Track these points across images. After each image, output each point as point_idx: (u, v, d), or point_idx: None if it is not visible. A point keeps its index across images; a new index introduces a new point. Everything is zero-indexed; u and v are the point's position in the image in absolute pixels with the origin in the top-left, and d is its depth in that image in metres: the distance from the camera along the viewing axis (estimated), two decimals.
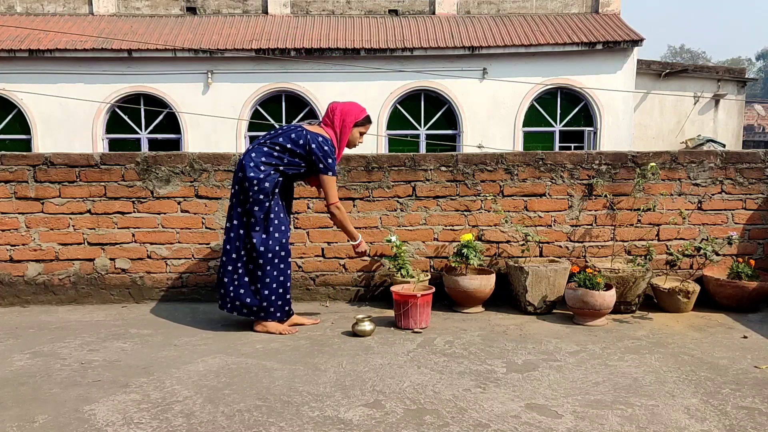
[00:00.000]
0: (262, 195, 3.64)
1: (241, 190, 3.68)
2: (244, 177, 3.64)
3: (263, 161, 3.66)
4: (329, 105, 3.90)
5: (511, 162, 4.52)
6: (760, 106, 32.00)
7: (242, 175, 3.66)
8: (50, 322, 4.07)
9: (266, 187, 3.64)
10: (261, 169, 3.64)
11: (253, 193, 3.63)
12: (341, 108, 3.82)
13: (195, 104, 14.17)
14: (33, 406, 2.71)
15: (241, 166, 3.68)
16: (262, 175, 3.64)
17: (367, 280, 4.57)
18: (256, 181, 3.62)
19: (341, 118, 3.79)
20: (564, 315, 4.18)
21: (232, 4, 15.45)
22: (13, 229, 4.47)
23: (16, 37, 13.94)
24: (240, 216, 3.71)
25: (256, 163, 3.65)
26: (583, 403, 2.75)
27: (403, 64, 14.27)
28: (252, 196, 3.63)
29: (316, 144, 3.67)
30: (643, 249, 4.48)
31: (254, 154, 3.68)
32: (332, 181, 3.72)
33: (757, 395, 2.84)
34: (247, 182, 3.63)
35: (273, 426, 2.52)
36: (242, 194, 3.67)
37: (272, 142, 3.70)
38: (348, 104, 3.87)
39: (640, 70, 15.27)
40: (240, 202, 3.69)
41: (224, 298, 3.78)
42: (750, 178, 4.55)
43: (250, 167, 3.64)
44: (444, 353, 3.41)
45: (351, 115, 3.81)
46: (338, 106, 3.84)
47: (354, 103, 3.90)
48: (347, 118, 3.80)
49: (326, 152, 3.68)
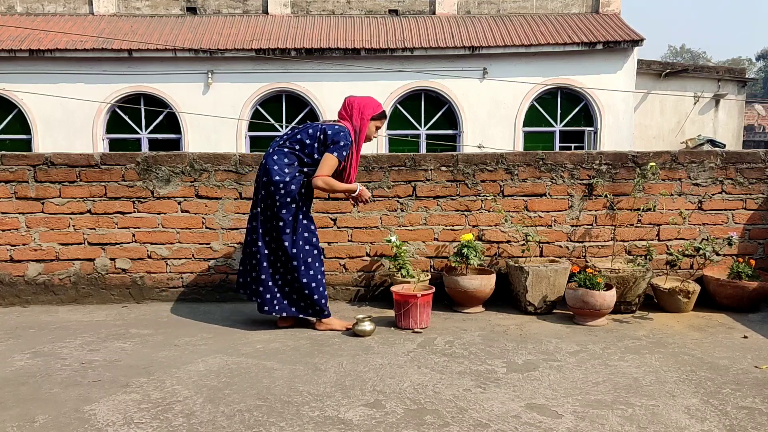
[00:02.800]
0: (289, 198, 3.62)
1: (267, 194, 3.64)
2: (270, 181, 3.61)
3: (286, 163, 3.63)
4: (346, 99, 3.88)
5: (511, 162, 4.52)
6: (760, 106, 31.99)
7: (267, 179, 3.62)
8: (50, 322, 4.07)
9: (293, 190, 3.62)
10: (286, 172, 3.61)
11: (280, 197, 3.60)
12: (359, 101, 3.82)
13: (195, 104, 14.17)
14: (33, 406, 2.71)
15: (265, 170, 3.64)
16: (288, 177, 3.61)
17: (367, 280, 4.57)
18: (282, 184, 3.60)
19: (359, 111, 3.79)
20: (564, 315, 4.18)
21: (232, 4, 15.45)
22: (13, 229, 4.47)
23: (16, 37, 13.94)
24: (268, 220, 3.67)
25: (280, 165, 3.62)
26: (583, 403, 2.75)
27: (403, 64, 14.27)
28: (279, 200, 3.60)
29: (332, 130, 3.67)
30: (643, 249, 4.48)
31: (276, 157, 3.65)
32: (331, 159, 3.63)
33: (758, 395, 2.84)
34: (273, 186, 3.60)
35: (273, 426, 2.52)
36: (269, 198, 3.63)
37: (291, 141, 3.69)
38: (365, 98, 3.88)
39: (641, 70, 15.27)
40: (267, 206, 3.66)
41: (269, 303, 3.73)
42: (750, 178, 4.55)
43: (274, 170, 3.61)
44: (444, 353, 3.41)
45: (369, 108, 3.82)
46: (355, 99, 3.84)
47: (371, 98, 3.92)
48: (365, 111, 3.80)
49: (339, 136, 3.65)
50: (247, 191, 4.48)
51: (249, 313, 4.21)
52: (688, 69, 16.81)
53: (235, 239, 4.51)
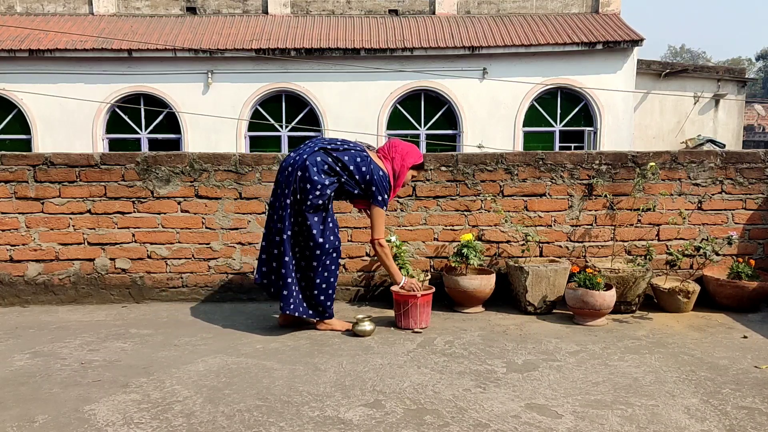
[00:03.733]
0: (321, 201, 3.60)
1: (299, 190, 3.58)
2: (307, 178, 3.55)
3: (326, 170, 3.61)
4: (390, 141, 3.90)
5: (511, 162, 4.52)
6: (760, 106, 31.99)
7: (303, 174, 3.56)
8: (50, 322, 4.07)
9: (327, 194, 3.61)
10: (323, 176, 3.59)
11: (314, 197, 3.57)
12: (403, 148, 3.85)
13: (195, 104, 14.17)
14: (33, 406, 2.71)
15: (304, 167, 3.57)
16: (327, 181, 3.60)
17: (367, 280, 4.57)
18: (320, 186, 3.57)
19: (401, 158, 3.81)
20: (564, 315, 4.18)
21: (232, 4, 15.45)
22: (13, 229, 4.47)
23: (16, 37, 13.94)
24: (294, 218, 3.63)
25: (320, 169, 3.59)
26: (583, 403, 2.75)
27: (403, 64, 14.27)
28: (311, 200, 3.57)
29: (378, 177, 3.69)
30: (643, 249, 4.48)
31: (319, 159, 3.61)
32: (382, 215, 3.73)
33: (757, 395, 2.84)
34: (310, 184, 3.55)
35: (273, 426, 2.52)
36: (300, 194, 3.58)
37: (337, 157, 3.65)
38: (409, 146, 3.90)
39: (640, 70, 15.27)
40: (295, 201, 3.60)
41: (288, 302, 3.68)
42: (750, 178, 4.55)
43: (314, 171, 3.56)
44: (444, 353, 3.41)
45: (411, 158, 3.85)
46: (400, 145, 3.86)
47: (414, 146, 3.95)
48: (407, 159, 3.83)
49: (384, 187, 3.71)
50: (248, 191, 4.48)
51: (249, 313, 4.21)
52: (688, 69, 16.81)
53: (235, 239, 4.51)
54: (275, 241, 3.71)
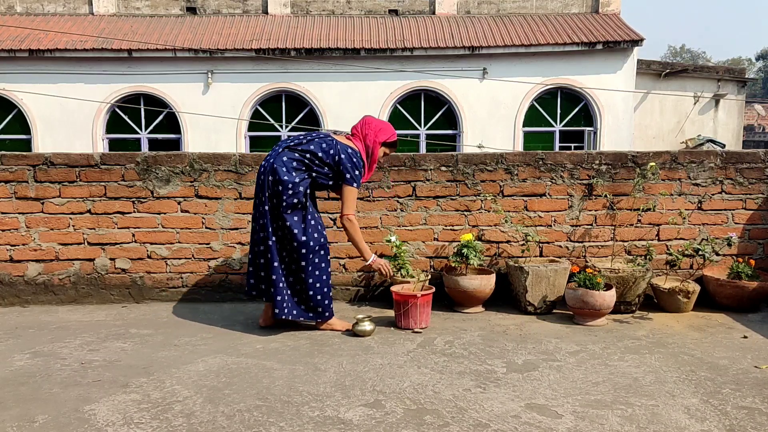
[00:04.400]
0: (296, 199, 3.60)
1: (273, 193, 3.60)
2: (278, 180, 3.57)
3: (295, 167, 3.62)
4: (363, 118, 3.88)
5: (511, 162, 4.52)
6: (760, 106, 31.99)
7: (274, 178, 3.58)
8: (50, 322, 4.07)
9: (300, 191, 3.60)
10: (293, 174, 3.60)
11: (287, 197, 3.57)
12: (376, 124, 3.82)
13: (195, 104, 14.17)
14: (33, 406, 2.71)
15: (273, 170, 3.59)
16: (297, 179, 3.60)
17: (367, 280, 4.57)
18: (291, 184, 3.57)
19: (374, 133, 3.78)
20: (564, 315, 4.18)
21: (232, 4, 15.45)
22: (13, 229, 4.47)
23: (16, 37, 13.94)
24: (275, 219, 3.64)
25: (288, 167, 3.60)
26: (583, 403, 2.75)
27: (403, 64, 14.27)
28: (285, 200, 3.58)
29: (346, 155, 3.67)
30: (643, 249, 4.48)
31: (285, 158, 3.62)
32: (353, 193, 3.70)
33: (757, 395, 2.84)
34: (281, 185, 3.56)
35: (273, 426, 2.52)
36: (275, 197, 3.60)
37: (303, 149, 3.65)
38: (382, 122, 3.88)
39: (640, 70, 15.27)
40: (273, 205, 3.62)
41: (281, 306, 3.68)
42: (750, 178, 4.55)
43: (283, 171, 3.58)
44: (444, 353, 3.41)
45: (384, 134, 3.82)
46: (373, 122, 3.83)
47: (388, 124, 3.92)
48: (380, 135, 3.80)
49: (354, 163, 3.67)
50: (247, 191, 4.48)
51: (249, 313, 4.21)
52: (688, 69, 16.82)
53: (235, 239, 4.51)
54: (260, 251, 3.72)
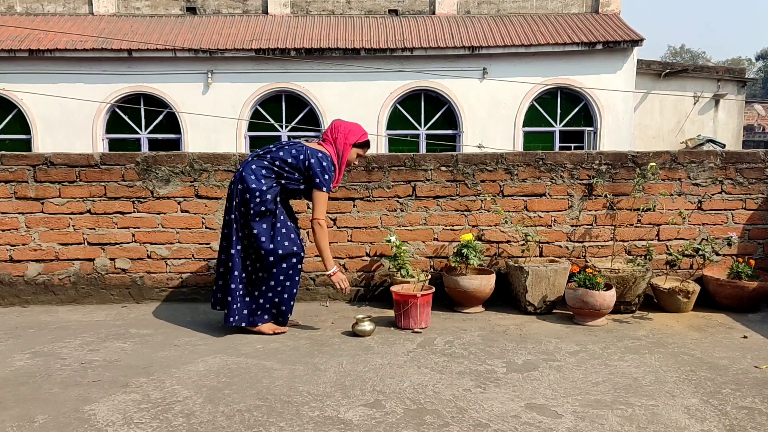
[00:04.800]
0: (263, 207, 3.60)
1: (242, 201, 3.62)
2: (246, 188, 3.59)
3: (264, 174, 3.63)
4: (333, 122, 3.90)
5: (511, 162, 4.52)
6: (760, 106, 32.00)
7: (243, 186, 3.60)
8: (50, 322, 4.07)
9: (268, 199, 3.61)
10: (262, 181, 3.61)
11: (255, 205, 3.58)
12: (345, 126, 3.84)
13: (195, 104, 14.17)
14: (33, 406, 2.71)
15: (241, 178, 3.62)
16: (265, 186, 3.61)
17: (367, 280, 4.57)
18: (258, 192, 3.58)
19: (344, 136, 3.79)
20: (564, 315, 4.18)
21: (232, 4, 15.45)
22: (13, 229, 4.47)
23: (16, 37, 13.94)
24: (242, 228, 3.65)
25: (257, 175, 3.62)
26: (583, 403, 2.75)
27: (403, 64, 14.27)
28: (253, 208, 3.58)
29: (315, 159, 3.67)
30: (643, 249, 4.48)
31: (254, 167, 3.64)
32: (323, 197, 3.69)
33: (757, 395, 2.84)
34: (249, 193, 3.58)
35: (273, 426, 2.52)
36: (242, 206, 3.62)
37: (272, 157, 3.67)
38: (352, 124, 3.89)
39: (640, 70, 15.27)
40: (241, 214, 3.63)
41: (233, 314, 3.69)
42: (750, 178, 4.55)
43: (251, 179, 3.60)
44: (444, 353, 3.41)
45: (353, 135, 3.82)
46: (342, 125, 3.85)
47: (358, 125, 3.93)
48: (349, 137, 3.80)
49: (324, 168, 3.67)
50: None
51: None
52: (688, 69, 16.82)
53: None
54: (222, 260, 3.74)
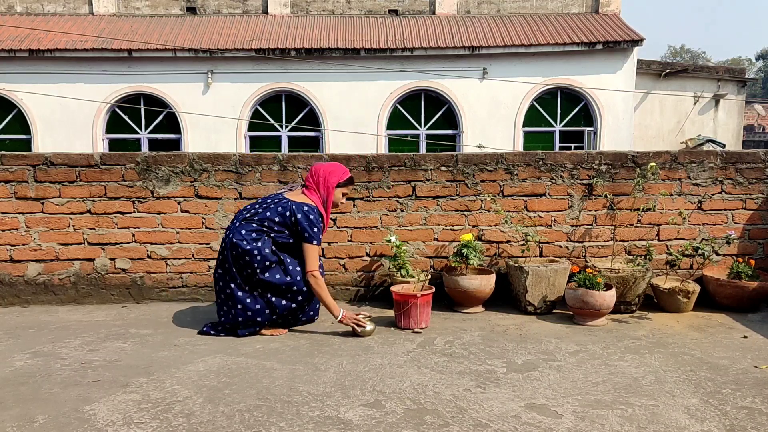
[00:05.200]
0: (268, 261, 3.62)
1: (243, 266, 3.62)
2: (243, 252, 3.59)
3: (254, 237, 3.63)
4: (312, 167, 3.83)
5: (511, 162, 4.52)
6: (760, 106, 31.99)
7: (238, 252, 3.60)
8: (50, 322, 4.07)
9: (267, 254, 3.62)
10: (256, 243, 3.61)
11: (259, 263, 3.60)
12: (324, 170, 3.78)
13: (195, 104, 14.17)
14: (33, 406, 2.71)
15: (234, 245, 3.61)
16: (260, 243, 3.62)
17: (367, 280, 4.57)
18: (257, 251, 3.60)
19: (325, 180, 3.75)
20: (564, 315, 4.18)
21: (232, 4, 15.45)
22: (13, 229, 4.47)
23: (16, 37, 13.94)
24: (254, 287, 3.66)
25: (248, 239, 3.62)
26: (583, 403, 2.75)
27: (403, 64, 14.27)
28: (258, 267, 3.60)
29: (302, 214, 3.64)
30: (643, 249, 4.48)
31: (244, 231, 3.64)
32: (314, 250, 3.67)
33: (757, 395, 2.84)
34: (248, 256, 3.59)
35: (273, 426, 2.52)
36: (247, 269, 3.62)
37: (260, 219, 3.66)
38: (330, 165, 3.84)
39: (640, 70, 15.27)
40: (247, 276, 3.63)
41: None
42: (750, 178, 4.55)
43: (244, 243, 3.60)
44: (444, 353, 3.41)
45: (334, 176, 3.77)
46: (321, 168, 3.79)
47: (336, 164, 3.88)
48: (330, 179, 3.76)
49: (311, 221, 3.64)
50: (247, 191, 4.49)
51: None
52: (688, 69, 16.82)
53: None
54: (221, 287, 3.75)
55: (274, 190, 4.47)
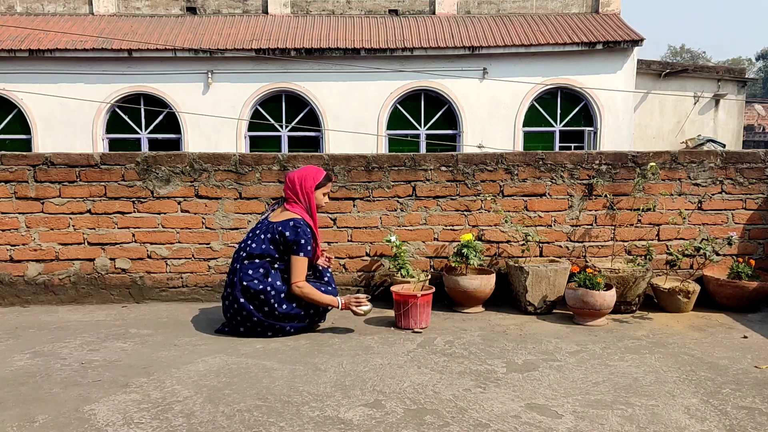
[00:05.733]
0: (283, 294, 3.63)
1: (261, 303, 3.61)
2: (255, 292, 3.58)
3: (261, 273, 3.63)
4: (286, 177, 3.78)
5: (511, 162, 4.52)
6: (760, 106, 31.99)
7: (251, 293, 3.59)
8: (50, 322, 4.07)
9: (279, 286, 3.63)
10: (267, 279, 3.63)
11: (275, 299, 3.61)
12: (298, 176, 3.73)
13: (195, 104, 14.17)
14: (33, 406, 2.71)
15: (244, 288, 3.60)
16: (270, 279, 3.63)
17: (367, 280, 4.57)
18: (270, 287, 3.61)
19: (300, 185, 3.70)
20: (564, 315, 4.19)
21: (232, 4, 15.45)
22: (13, 229, 4.47)
23: (16, 37, 13.94)
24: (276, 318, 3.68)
25: (257, 276, 3.61)
26: (583, 403, 2.75)
27: (403, 64, 14.27)
28: (276, 303, 3.61)
29: (288, 230, 3.62)
30: (643, 249, 4.48)
31: (251, 271, 3.63)
32: (301, 262, 3.63)
33: (757, 395, 2.84)
34: (263, 295, 3.59)
35: (273, 426, 2.52)
36: (265, 307, 3.61)
37: (250, 255, 3.64)
38: (302, 170, 3.77)
39: (640, 70, 15.27)
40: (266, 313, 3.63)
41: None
42: (750, 178, 4.55)
43: (254, 283, 3.59)
44: (444, 353, 3.41)
45: (309, 179, 3.72)
46: (295, 175, 3.74)
47: (308, 167, 3.82)
48: (306, 183, 3.70)
49: (298, 233, 3.61)
50: (247, 191, 4.49)
51: None
52: (688, 69, 16.82)
53: (235, 239, 4.50)
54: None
55: (274, 190, 4.47)
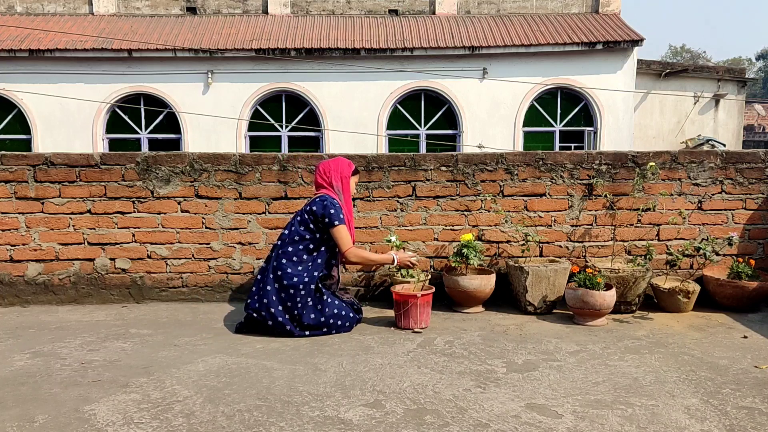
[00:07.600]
0: (310, 298, 3.68)
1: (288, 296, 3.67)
2: (288, 284, 3.64)
3: (296, 261, 3.69)
4: (319, 167, 3.88)
5: (511, 162, 4.52)
6: (760, 106, 31.98)
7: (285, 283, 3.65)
8: (50, 322, 4.07)
9: (312, 290, 3.67)
10: (300, 269, 3.68)
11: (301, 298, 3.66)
12: (334, 165, 3.86)
13: (195, 104, 14.16)
14: (33, 406, 2.71)
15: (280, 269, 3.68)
16: (306, 274, 3.67)
17: (367, 280, 4.57)
18: (302, 285, 3.66)
19: (339, 172, 3.83)
20: (564, 315, 4.19)
21: (232, 4, 15.45)
22: (13, 229, 4.47)
23: (16, 37, 13.93)
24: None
25: (294, 263, 3.69)
26: (583, 403, 2.75)
27: (403, 64, 14.27)
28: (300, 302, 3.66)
29: (317, 206, 3.71)
30: (643, 249, 4.48)
31: (291, 248, 3.71)
32: (341, 229, 3.71)
33: (757, 395, 2.84)
34: (292, 288, 3.65)
35: (273, 426, 2.52)
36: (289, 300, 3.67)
37: (293, 235, 3.72)
38: (337, 160, 3.91)
39: (641, 70, 15.27)
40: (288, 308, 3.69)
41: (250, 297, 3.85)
42: (750, 178, 4.55)
43: (288, 273, 3.66)
44: (444, 353, 3.41)
45: (345, 167, 3.88)
46: (330, 164, 3.86)
47: (340, 158, 3.96)
48: (344, 170, 3.86)
49: (326, 205, 3.71)
50: (247, 191, 4.49)
51: None
52: (688, 69, 16.81)
53: (235, 239, 4.51)
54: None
55: (274, 190, 4.48)
